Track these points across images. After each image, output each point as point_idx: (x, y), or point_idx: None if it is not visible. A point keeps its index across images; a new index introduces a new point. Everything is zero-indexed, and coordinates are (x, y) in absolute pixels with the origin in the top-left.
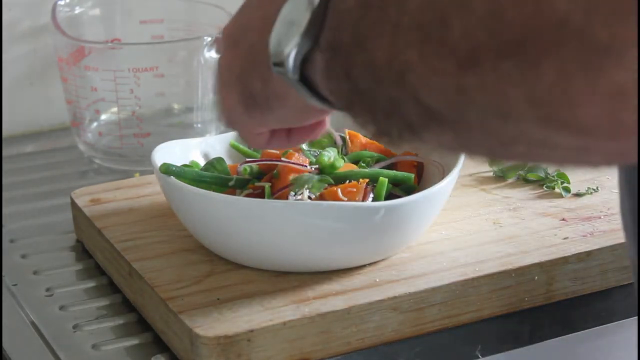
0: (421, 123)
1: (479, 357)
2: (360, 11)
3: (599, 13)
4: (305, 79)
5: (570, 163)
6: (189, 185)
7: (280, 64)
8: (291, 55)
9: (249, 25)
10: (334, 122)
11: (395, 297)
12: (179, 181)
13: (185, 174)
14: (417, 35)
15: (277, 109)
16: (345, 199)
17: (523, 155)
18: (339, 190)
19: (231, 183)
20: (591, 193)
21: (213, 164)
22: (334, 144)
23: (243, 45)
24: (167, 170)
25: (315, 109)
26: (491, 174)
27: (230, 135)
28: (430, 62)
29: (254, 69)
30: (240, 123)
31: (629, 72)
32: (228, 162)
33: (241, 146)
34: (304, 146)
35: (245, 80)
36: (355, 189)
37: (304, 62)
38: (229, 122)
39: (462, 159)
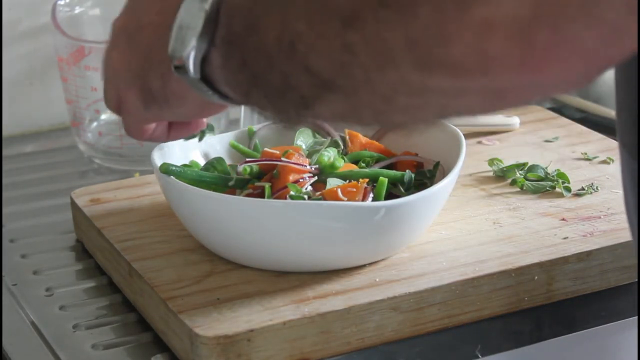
0: (313, 94)
1: (479, 357)
2: (248, 1)
3: None
4: (205, 78)
5: (450, 113)
6: (189, 185)
7: (181, 67)
8: (190, 57)
9: (144, 21)
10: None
11: (395, 297)
12: (179, 181)
13: (185, 174)
14: (304, 5)
15: (176, 106)
16: (345, 199)
17: (405, 110)
18: (339, 190)
19: (231, 183)
20: (591, 193)
21: (213, 164)
22: (334, 143)
23: (139, 42)
24: (167, 170)
25: (214, 105)
26: (491, 174)
27: (230, 135)
28: (317, 27)
29: (153, 67)
30: (133, 115)
31: (493, 7)
32: (228, 162)
33: (241, 146)
34: (303, 146)
35: (144, 77)
36: (355, 189)
37: (203, 61)
38: (119, 111)
39: (462, 158)
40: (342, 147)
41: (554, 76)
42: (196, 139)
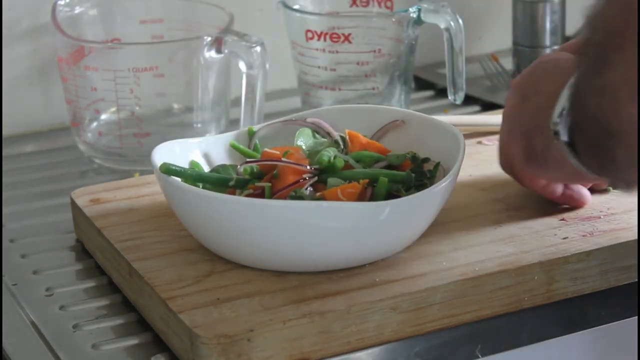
0: None
1: (479, 357)
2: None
3: None
4: (572, 145)
5: None
6: (189, 185)
7: (556, 132)
8: (561, 128)
9: (541, 88)
10: (335, 122)
11: (395, 297)
12: (179, 181)
13: (186, 174)
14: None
15: (553, 169)
16: (345, 199)
17: None
18: (339, 191)
19: (231, 183)
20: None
21: (218, 170)
22: (334, 143)
23: (531, 105)
24: (167, 170)
25: (585, 175)
26: (491, 173)
27: (230, 136)
28: None
29: (539, 130)
30: (517, 170)
31: None
32: (228, 162)
33: (241, 146)
34: (303, 146)
35: (530, 137)
36: (355, 189)
37: (572, 130)
38: (508, 167)
39: (462, 158)
40: (342, 147)
41: None
42: None
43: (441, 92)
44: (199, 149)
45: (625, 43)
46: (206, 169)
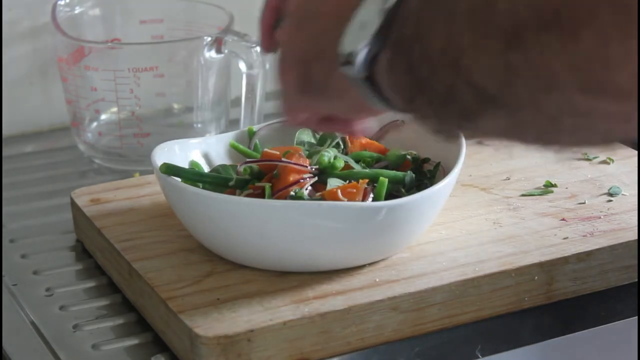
0: (476, 108)
1: (479, 357)
2: (421, 4)
3: None
4: (369, 78)
5: (615, 137)
6: (189, 185)
7: (348, 63)
8: (360, 55)
9: (321, 10)
10: None
11: (395, 297)
12: (179, 181)
13: (185, 174)
14: (467, 20)
15: (332, 99)
16: (345, 199)
17: (571, 131)
18: (339, 191)
19: (231, 183)
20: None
21: (218, 170)
22: (335, 144)
23: (310, 29)
24: (167, 170)
25: (368, 108)
26: (491, 173)
27: (230, 136)
28: (480, 44)
29: (319, 58)
30: (289, 101)
31: None
32: (228, 162)
33: (241, 146)
34: (312, 140)
35: (307, 65)
36: (355, 190)
37: (371, 62)
38: (281, 93)
39: (462, 158)
40: (342, 147)
41: None
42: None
43: None
44: (199, 149)
45: None
46: (206, 169)
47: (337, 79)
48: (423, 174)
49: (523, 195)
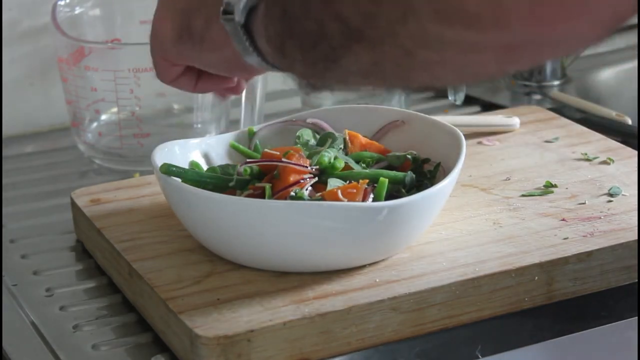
0: (342, 44)
1: (479, 357)
2: None
3: None
4: (247, 29)
5: (468, 73)
6: (189, 186)
7: (228, 13)
8: (240, 5)
9: None
10: (335, 122)
11: (395, 297)
12: (180, 182)
13: (186, 174)
14: None
15: (208, 51)
16: (346, 200)
17: (425, 65)
18: (339, 192)
19: (231, 184)
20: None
21: (217, 170)
22: (334, 144)
23: None
24: (168, 170)
25: (242, 65)
26: (491, 173)
27: (231, 136)
28: None
29: (201, 7)
30: (163, 50)
31: None
32: (228, 162)
33: (241, 147)
34: (311, 140)
35: (188, 15)
36: (355, 190)
37: (250, 11)
38: (156, 47)
39: (462, 159)
40: (342, 147)
41: (566, 30)
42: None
43: (441, 93)
44: (199, 149)
45: None
46: (206, 169)
47: (216, 30)
48: (423, 174)
49: (523, 195)
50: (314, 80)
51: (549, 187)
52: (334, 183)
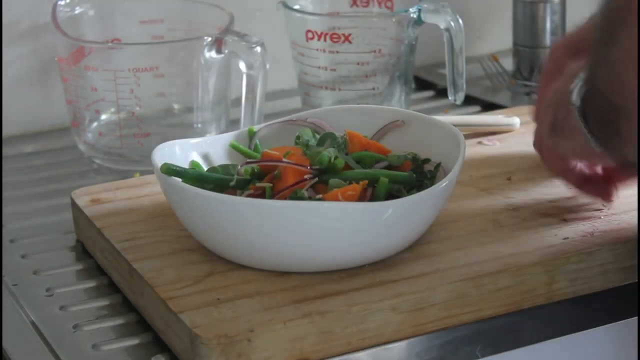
0: None
1: (479, 357)
2: (601, 52)
3: None
4: (582, 115)
5: None
6: (189, 186)
7: (572, 102)
8: (575, 89)
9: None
10: (335, 122)
11: (395, 297)
12: (180, 182)
13: (186, 174)
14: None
15: (567, 138)
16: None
17: None
18: (339, 194)
19: (232, 183)
20: None
21: (217, 170)
22: (334, 144)
23: (559, 82)
24: (168, 170)
25: (592, 151)
26: (491, 173)
27: (231, 136)
28: None
29: (562, 103)
30: (541, 142)
31: None
32: (228, 162)
33: (241, 147)
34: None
35: (554, 109)
36: (355, 192)
37: (584, 101)
38: (537, 144)
39: (462, 159)
40: (342, 147)
41: None
42: None
43: (441, 92)
44: (199, 149)
45: (630, 18)
46: (206, 169)
47: (572, 118)
48: (423, 174)
49: (523, 195)
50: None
51: (548, 187)
52: (334, 184)
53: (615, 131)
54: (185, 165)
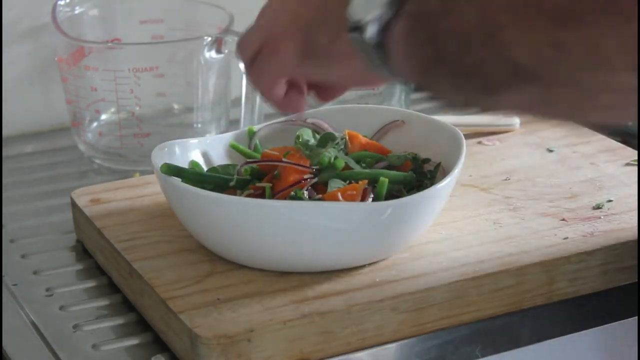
0: (504, 81)
1: (478, 357)
2: None
3: None
4: (379, 46)
5: None
6: (189, 186)
7: (356, 29)
8: (371, 23)
9: None
10: (335, 122)
11: (395, 297)
12: (180, 182)
13: (186, 174)
14: (507, 0)
15: (336, 67)
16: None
17: (606, 108)
18: (339, 194)
19: (232, 183)
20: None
21: (217, 170)
22: (334, 144)
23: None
24: (168, 170)
25: (373, 77)
26: (491, 173)
27: (230, 136)
28: (523, 22)
29: (324, 23)
30: (284, 68)
31: None
32: (228, 162)
33: (241, 147)
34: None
35: (310, 32)
36: (355, 192)
37: (383, 29)
38: (252, 60)
39: (462, 159)
40: (342, 147)
41: None
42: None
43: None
44: (199, 149)
45: None
46: (206, 169)
47: (345, 45)
48: (423, 174)
49: (523, 195)
50: (460, 106)
51: (549, 187)
52: (334, 184)
53: (480, 89)
54: (185, 165)
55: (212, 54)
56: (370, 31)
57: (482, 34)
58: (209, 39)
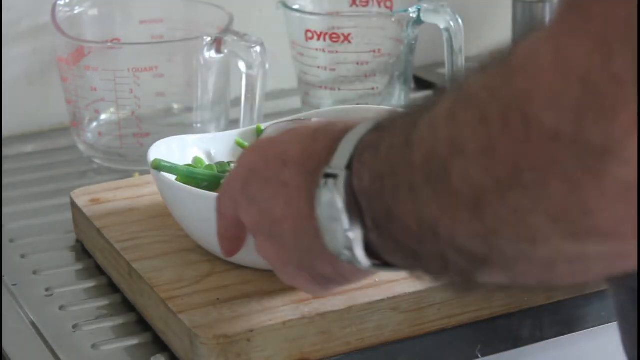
0: (471, 268)
1: (478, 357)
2: (376, 184)
3: (588, 117)
4: (373, 256)
5: (614, 271)
6: (180, 184)
7: (348, 252)
8: (354, 251)
9: (277, 215)
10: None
11: (395, 297)
12: (170, 178)
13: (177, 170)
14: (429, 189)
15: (352, 280)
16: None
17: (568, 276)
18: None
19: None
20: None
21: (212, 168)
22: None
23: (282, 235)
24: (158, 166)
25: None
26: None
27: (236, 133)
28: (450, 212)
29: (316, 257)
30: (312, 292)
31: (630, 166)
32: (228, 159)
33: (246, 144)
34: None
35: (310, 268)
36: None
37: (366, 247)
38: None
39: None
40: None
41: None
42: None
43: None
44: (200, 147)
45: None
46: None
47: (347, 265)
48: None
49: None
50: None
51: None
52: None
53: (461, 272)
54: (187, 162)
55: (212, 53)
56: (357, 258)
57: (426, 229)
58: (209, 39)
